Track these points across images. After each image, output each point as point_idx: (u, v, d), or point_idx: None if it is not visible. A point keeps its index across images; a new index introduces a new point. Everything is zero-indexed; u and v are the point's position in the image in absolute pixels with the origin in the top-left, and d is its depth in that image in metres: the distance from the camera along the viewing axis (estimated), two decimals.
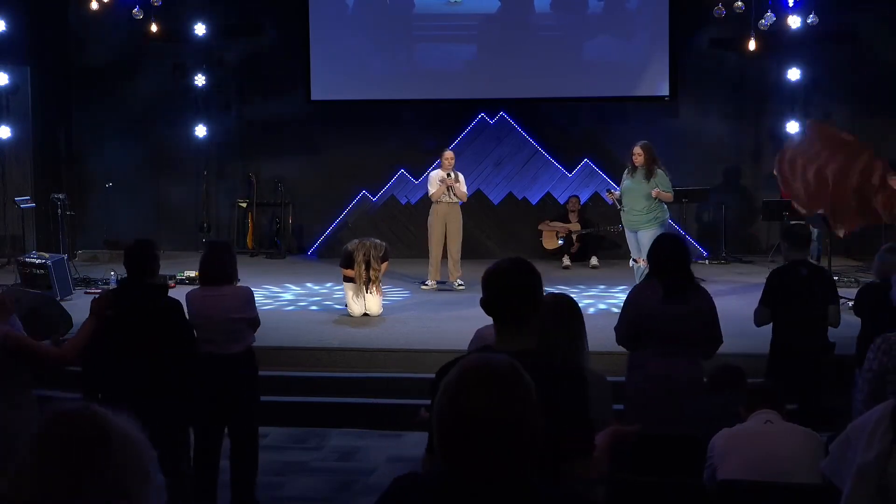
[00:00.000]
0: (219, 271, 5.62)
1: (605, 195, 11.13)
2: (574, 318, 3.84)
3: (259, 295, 9.95)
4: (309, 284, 11.01)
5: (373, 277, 9.04)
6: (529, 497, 1.91)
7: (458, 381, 1.91)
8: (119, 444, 1.60)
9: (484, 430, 1.85)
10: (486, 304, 3.01)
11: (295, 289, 10.82)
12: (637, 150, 9.45)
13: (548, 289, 4.30)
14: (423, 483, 2.01)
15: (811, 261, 7.15)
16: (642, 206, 9.39)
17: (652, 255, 5.23)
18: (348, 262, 9.09)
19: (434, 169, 10.92)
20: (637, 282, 9.64)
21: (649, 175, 9.32)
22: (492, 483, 1.88)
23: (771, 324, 6.35)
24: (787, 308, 6.22)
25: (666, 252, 5.10)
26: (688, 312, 4.98)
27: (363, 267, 8.97)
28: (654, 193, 9.35)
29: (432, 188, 10.48)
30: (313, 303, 10.09)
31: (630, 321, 5.10)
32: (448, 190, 10.38)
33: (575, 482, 2.85)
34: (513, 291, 2.96)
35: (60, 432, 1.60)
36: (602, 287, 10.79)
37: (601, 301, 10.04)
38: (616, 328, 5.21)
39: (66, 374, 4.77)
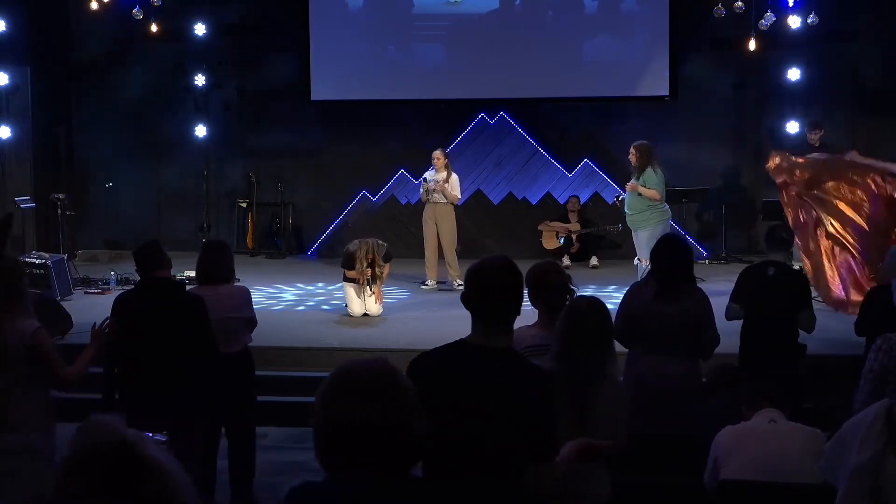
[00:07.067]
0: (215, 271, 5.62)
1: (614, 201, 11.13)
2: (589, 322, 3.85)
3: (260, 295, 9.97)
4: (300, 284, 11.00)
5: (378, 274, 9.01)
6: (410, 497, 1.93)
7: (329, 388, 1.93)
8: (155, 477, 1.50)
9: (356, 435, 1.87)
10: (467, 301, 2.99)
11: (292, 288, 10.81)
12: (630, 149, 9.57)
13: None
14: (318, 490, 2.00)
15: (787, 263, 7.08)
16: (634, 205, 9.46)
17: (652, 255, 5.38)
18: (349, 263, 9.06)
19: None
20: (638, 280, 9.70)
21: (639, 175, 9.39)
22: (371, 485, 1.88)
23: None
24: (753, 306, 6.19)
25: (664, 252, 5.21)
26: (675, 313, 5.03)
27: (365, 264, 8.93)
28: (628, 186, 9.44)
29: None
30: (313, 303, 10.08)
31: (621, 317, 5.17)
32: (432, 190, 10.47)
33: (534, 488, 2.83)
34: (495, 291, 2.95)
35: (92, 464, 1.49)
36: (594, 287, 10.76)
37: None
38: (613, 325, 5.24)
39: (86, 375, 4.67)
